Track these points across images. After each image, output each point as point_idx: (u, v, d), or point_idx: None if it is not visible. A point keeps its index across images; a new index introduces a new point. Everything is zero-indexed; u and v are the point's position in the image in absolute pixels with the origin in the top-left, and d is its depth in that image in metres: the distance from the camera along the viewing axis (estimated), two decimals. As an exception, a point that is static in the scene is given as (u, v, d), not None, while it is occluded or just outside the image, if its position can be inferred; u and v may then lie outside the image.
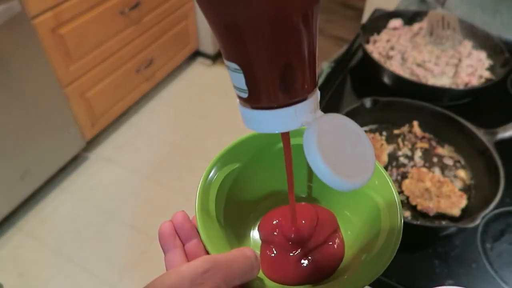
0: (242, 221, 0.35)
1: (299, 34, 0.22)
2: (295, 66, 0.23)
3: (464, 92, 0.80)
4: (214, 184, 0.32)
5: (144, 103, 1.86)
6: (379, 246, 0.29)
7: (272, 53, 0.22)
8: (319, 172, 0.22)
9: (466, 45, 0.89)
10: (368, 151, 0.25)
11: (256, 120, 0.25)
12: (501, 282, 0.54)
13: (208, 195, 0.31)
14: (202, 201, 0.30)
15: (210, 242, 0.28)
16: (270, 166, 0.35)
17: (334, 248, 0.33)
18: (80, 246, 1.37)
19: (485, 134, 0.64)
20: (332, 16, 2.52)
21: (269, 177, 0.36)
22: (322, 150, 0.22)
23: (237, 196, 0.34)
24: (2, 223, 1.38)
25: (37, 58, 1.24)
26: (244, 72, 0.23)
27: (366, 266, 0.29)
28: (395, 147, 0.70)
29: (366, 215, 0.32)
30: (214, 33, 0.23)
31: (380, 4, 1.07)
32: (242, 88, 0.24)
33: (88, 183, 1.55)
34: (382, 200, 0.31)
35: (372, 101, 0.70)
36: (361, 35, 0.87)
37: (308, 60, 0.23)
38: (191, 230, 0.29)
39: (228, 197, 0.33)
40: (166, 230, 0.29)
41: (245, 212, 0.35)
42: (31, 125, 1.31)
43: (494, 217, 0.61)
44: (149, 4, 1.59)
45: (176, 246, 0.28)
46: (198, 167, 1.60)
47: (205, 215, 0.30)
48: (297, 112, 0.24)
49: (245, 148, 0.34)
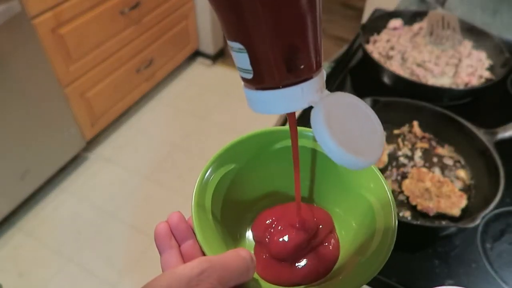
0: (239, 221, 0.35)
1: (304, 7, 0.21)
2: (300, 43, 0.22)
3: (464, 92, 0.80)
4: (210, 185, 0.31)
5: (144, 103, 1.86)
6: (374, 247, 0.29)
7: (276, 29, 0.21)
8: (328, 150, 0.22)
9: (466, 45, 0.89)
10: (378, 129, 0.24)
11: (261, 101, 0.24)
12: (501, 282, 0.54)
13: (204, 195, 0.31)
14: (198, 202, 0.30)
15: (206, 242, 0.28)
16: (268, 167, 0.35)
17: (329, 249, 0.33)
18: (80, 246, 1.37)
19: (485, 134, 0.64)
20: (332, 16, 2.52)
21: (266, 177, 0.36)
22: (331, 128, 0.22)
23: (234, 196, 0.34)
24: (2, 223, 1.38)
25: (37, 58, 1.24)
26: (248, 51, 0.22)
27: (361, 267, 0.29)
28: (395, 147, 0.70)
29: (360, 216, 0.32)
30: (216, 11, 0.22)
31: (380, 4, 1.07)
32: (247, 68, 0.23)
33: (88, 183, 1.55)
34: (377, 201, 0.31)
35: (372, 101, 0.70)
36: (361, 35, 0.88)
37: (313, 37, 0.22)
38: (187, 231, 0.29)
39: (225, 198, 0.33)
40: (162, 230, 0.29)
41: (242, 212, 0.35)
42: (31, 125, 1.31)
43: (494, 217, 0.61)
44: (149, 4, 1.59)
45: (172, 247, 0.28)
46: (198, 167, 1.60)
47: (202, 216, 0.30)
48: (303, 91, 0.23)
49: (242, 149, 0.34)
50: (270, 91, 0.23)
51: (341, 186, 0.34)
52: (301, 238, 0.32)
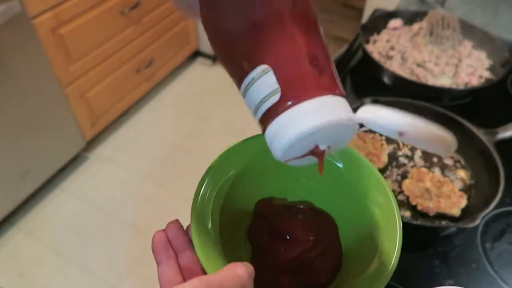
0: (238, 227, 0.34)
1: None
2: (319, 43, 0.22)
3: (464, 92, 0.80)
4: (209, 193, 0.31)
5: (144, 103, 1.86)
6: (376, 264, 0.29)
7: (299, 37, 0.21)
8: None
9: (466, 45, 0.89)
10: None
11: (292, 120, 0.21)
12: (501, 282, 0.54)
13: (203, 204, 0.30)
14: (197, 211, 0.29)
15: (205, 256, 0.27)
16: (264, 172, 0.35)
17: (331, 259, 0.32)
18: (80, 246, 1.37)
19: (485, 134, 0.64)
20: (332, 16, 2.52)
21: (263, 182, 0.35)
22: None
23: (232, 203, 0.33)
24: (2, 223, 1.38)
25: (37, 58, 1.24)
26: (274, 66, 0.21)
27: (363, 282, 0.28)
28: (395, 147, 0.70)
29: (365, 228, 0.32)
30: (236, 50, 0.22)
31: (380, 4, 1.07)
32: (272, 90, 0.21)
33: (88, 183, 1.55)
34: (383, 216, 0.31)
35: (372, 101, 0.70)
36: (361, 35, 0.87)
37: (322, 41, 0.23)
38: (185, 241, 0.29)
39: (223, 205, 0.32)
40: (159, 240, 0.29)
41: (240, 219, 0.35)
42: (31, 125, 1.31)
43: (494, 217, 0.61)
44: (149, 4, 1.59)
45: (169, 258, 0.28)
46: (198, 167, 1.60)
47: (200, 227, 0.29)
48: (339, 101, 0.21)
49: (238, 155, 0.33)
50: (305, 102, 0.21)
51: (348, 195, 0.33)
52: (302, 249, 0.31)
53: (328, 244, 0.33)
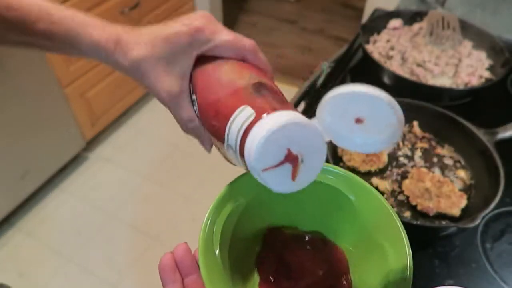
0: (247, 255, 0.34)
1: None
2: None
3: (464, 92, 0.80)
4: (218, 221, 0.31)
5: (144, 103, 1.86)
6: None
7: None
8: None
9: (466, 45, 0.89)
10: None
11: (265, 123, 0.26)
12: (501, 282, 0.54)
13: (212, 232, 0.30)
14: (205, 238, 0.29)
15: (210, 283, 0.27)
16: (275, 201, 0.34)
17: None
18: (80, 246, 1.37)
19: (485, 134, 0.64)
20: (332, 16, 2.52)
21: (274, 212, 0.35)
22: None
23: (242, 231, 0.33)
24: (2, 223, 1.38)
25: (37, 58, 1.24)
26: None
27: None
28: (395, 147, 0.70)
29: (375, 264, 0.32)
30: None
31: (380, 4, 1.07)
32: (249, 114, 0.27)
33: (88, 183, 1.55)
34: (394, 254, 0.30)
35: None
36: (361, 35, 0.87)
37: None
38: (192, 264, 0.29)
39: (233, 233, 0.32)
40: (167, 263, 0.29)
41: (250, 246, 0.35)
42: (31, 125, 1.31)
43: (494, 217, 0.61)
44: (149, 4, 1.59)
45: (175, 281, 0.29)
46: (198, 167, 1.60)
47: (208, 253, 0.29)
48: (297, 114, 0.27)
49: (248, 183, 0.32)
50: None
51: (359, 228, 0.33)
52: (310, 282, 0.31)
53: (338, 277, 0.32)
